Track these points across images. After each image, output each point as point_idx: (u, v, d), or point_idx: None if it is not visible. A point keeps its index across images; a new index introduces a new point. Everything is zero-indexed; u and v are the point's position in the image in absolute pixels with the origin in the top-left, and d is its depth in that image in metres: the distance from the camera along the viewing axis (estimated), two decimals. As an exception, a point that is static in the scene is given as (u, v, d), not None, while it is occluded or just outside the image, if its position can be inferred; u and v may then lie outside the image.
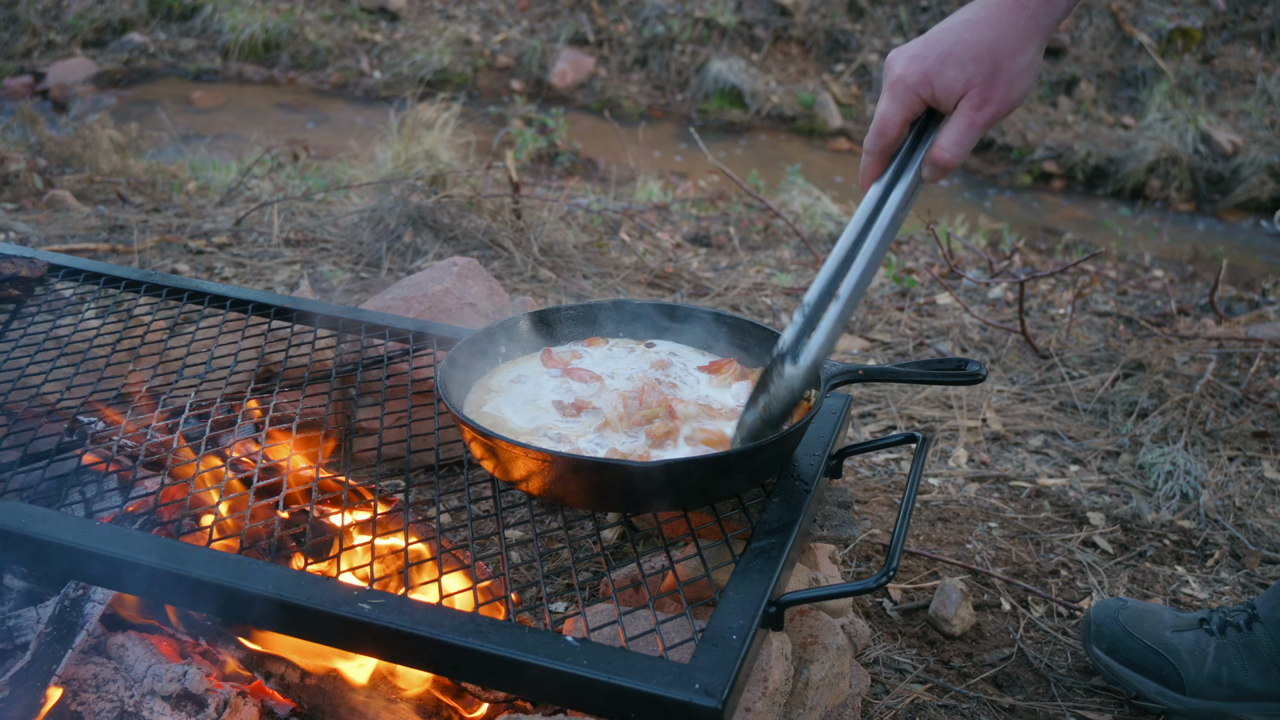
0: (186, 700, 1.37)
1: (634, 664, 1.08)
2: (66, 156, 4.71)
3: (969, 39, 1.22)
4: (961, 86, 1.23)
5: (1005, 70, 1.22)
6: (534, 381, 1.56)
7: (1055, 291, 3.89)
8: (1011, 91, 1.23)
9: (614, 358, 1.63)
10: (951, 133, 1.25)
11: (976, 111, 1.24)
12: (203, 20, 8.86)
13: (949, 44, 1.23)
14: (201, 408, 1.66)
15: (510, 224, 3.79)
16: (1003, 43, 1.21)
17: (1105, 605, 1.83)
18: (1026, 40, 1.22)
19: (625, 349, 1.65)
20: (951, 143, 1.25)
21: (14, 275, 1.91)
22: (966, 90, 1.23)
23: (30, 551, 1.26)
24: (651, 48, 8.45)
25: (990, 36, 1.21)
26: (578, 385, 1.54)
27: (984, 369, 1.42)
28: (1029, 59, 1.23)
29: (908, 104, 1.27)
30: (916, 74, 1.25)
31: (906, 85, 1.26)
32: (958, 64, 1.22)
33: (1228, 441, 2.69)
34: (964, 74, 1.22)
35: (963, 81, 1.23)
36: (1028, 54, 1.22)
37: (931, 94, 1.25)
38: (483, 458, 1.36)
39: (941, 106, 1.27)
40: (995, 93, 1.23)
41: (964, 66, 1.22)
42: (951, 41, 1.23)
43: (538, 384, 1.55)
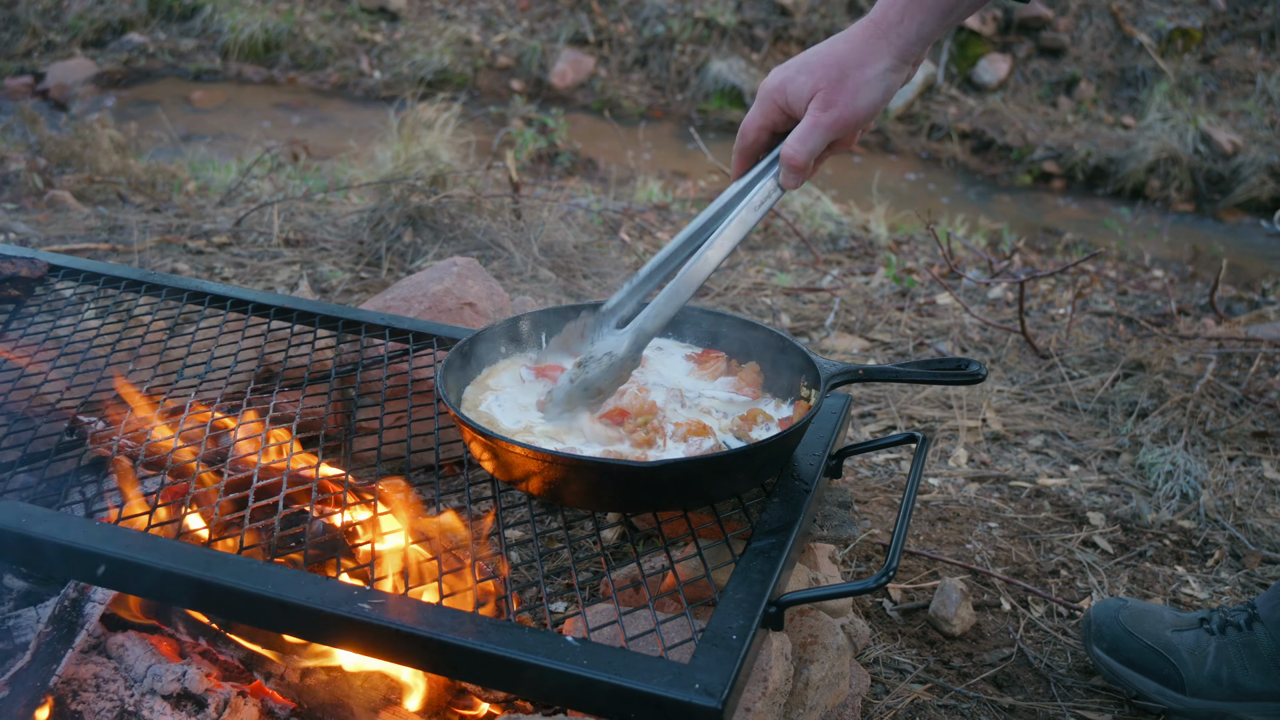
0: (186, 700, 1.37)
1: (634, 664, 1.08)
2: (66, 156, 4.71)
3: (825, 52, 1.34)
4: (809, 91, 1.33)
5: (851, 79, 1.32)
6: (517, 383, 1.56)
7: (1055, 291, 3.89)
8: (857, 98, 1.32)
9: None
10: (797, 132, 1.35)
11: (821, 112, 1.33)
12: (203, 20, 8.86)
13: (807, 57, 1.36)
14: (202, 407, 1.65)
15: (510, 224, 3.79)
16: (851, 55, 1.32)
17: (1105, 605, 1.83)
18: (876, 55, 1.32)
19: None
20: (796, 139, 1.35)
21: (14, 275, 1.91)
22: (813, 94, 1.33)
23: (30, 551, 1.26)
24: (651, 48, 8.45)
25: (843, 49, 1.33)
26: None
27: (984, 369, 1.43)
28: (878, 72, 1.32)
29: (766, 110, 1.39)
30: (775, 82, 1.37)
31: (766, 92, 1.38)
32: (809, 71, 1.34)
33: (1228, 441, 2.69)
34: (812, 79, 1.33)
35: (810, 86, 1.33)
36: (876, 67, 1.32)
37: (785, 100, 1.36)
38: (483, 458, 1.36)
39: (795, 113, 1.37)
40: (840, 97, 1.32)
41: (813, 73, 1.33)
42: (810, 55, 1.36)
43: (526, 385, 1.55)
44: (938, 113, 7.79)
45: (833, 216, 4.86)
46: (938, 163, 7.50)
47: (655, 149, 7.21)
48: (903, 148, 7.65)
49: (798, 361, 1.52)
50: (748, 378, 1.57)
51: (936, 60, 8.07)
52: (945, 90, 7.99)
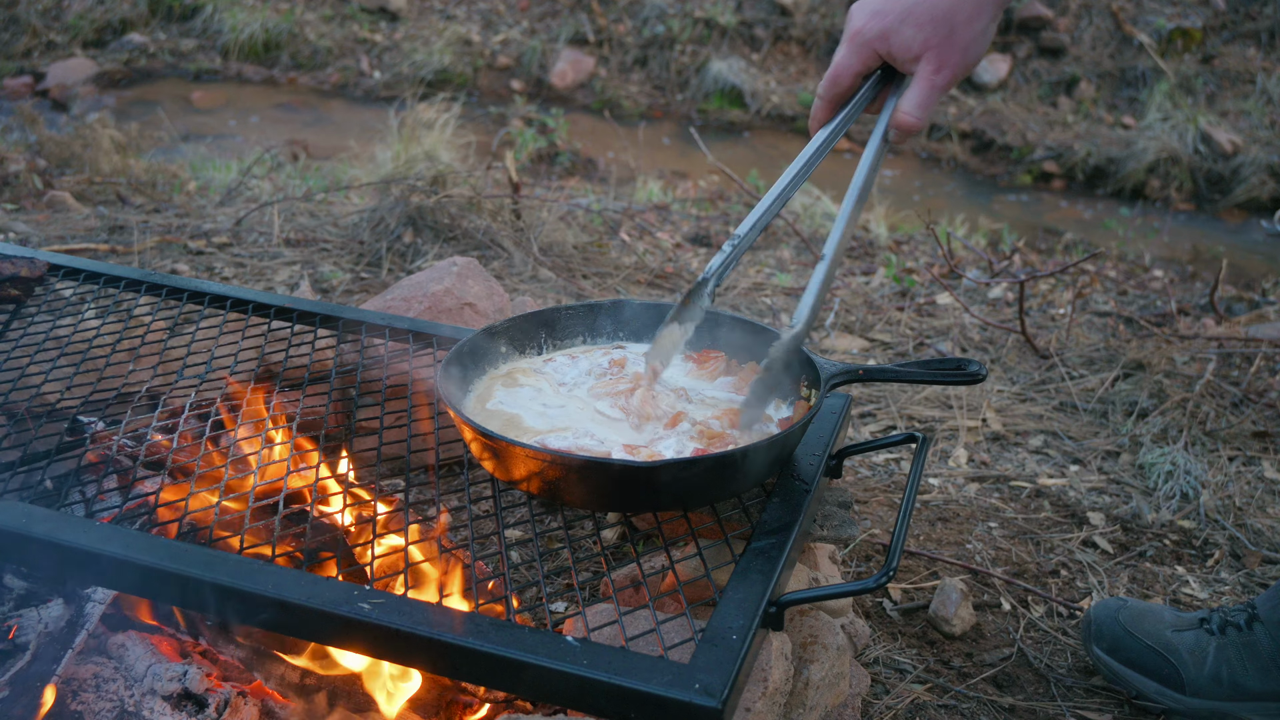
0: (186, 700, 1.37)
1: (634, 664, 1.08)
2: (66, 157, 4.71)
3: (928, 1, 1.26)
4: (919, 47, 1.27)
5: (961, 34, 1.26)
6: (538, 381, 1.56)
7: (1055, 291, 3.89)
8: (967, 55, 1.27)
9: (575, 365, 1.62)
10: (913, 96, 1.30)
11: (935, 74, 1.28)
12: (203, 20, 8.86)
13: (909, 4, 1.27)
14: (201, 407, 1.65)
15: (510, 224, 3.79)
16: (959, 8, 1.26)
17: (1105, 605, 1.83)
18: (982, 8, 1.26)
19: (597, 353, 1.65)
20: (915, 106, 1.30)
21: (14, 275, 1.91)
22: (923, 51, 1.27)
23: (30, 551, 1.26)
24: (651, 48, 8.45)
25: (947, 1, 1.26)
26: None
27: (984, 369, 1.43)
28: (983, 25, 1.27)
29: (864, 57, 1.32)
30: (875, 29, 1.29)
31: (864, 39, 1.30)
32: (916, 24, 1.26)
33: (1228, 441, 2.69)
34: (921, 34, 1.26)
35: (919, 42, 1.27)
36: (983, 20, 1.27)
37: (888, 50, 1.30)
38: (483, 457, 1.36)
39: (897, 64, 1.31)
40: (952, 56, 1.27)
41: (922, 27, 1.26)
42: (911, 2, 1.27)
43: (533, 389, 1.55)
44: (938, 113, 7.79)
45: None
46: (938, 163, 7.50)
47: (655, 149, 7.21)
48: (903, 148, 7.65)
49: (797, 361, 1.52)
50: (747, 377, 1.57)
51: (936, 60, 8.06)
52: (945, 90, 7.98)
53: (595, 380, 1.55)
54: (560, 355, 1.64)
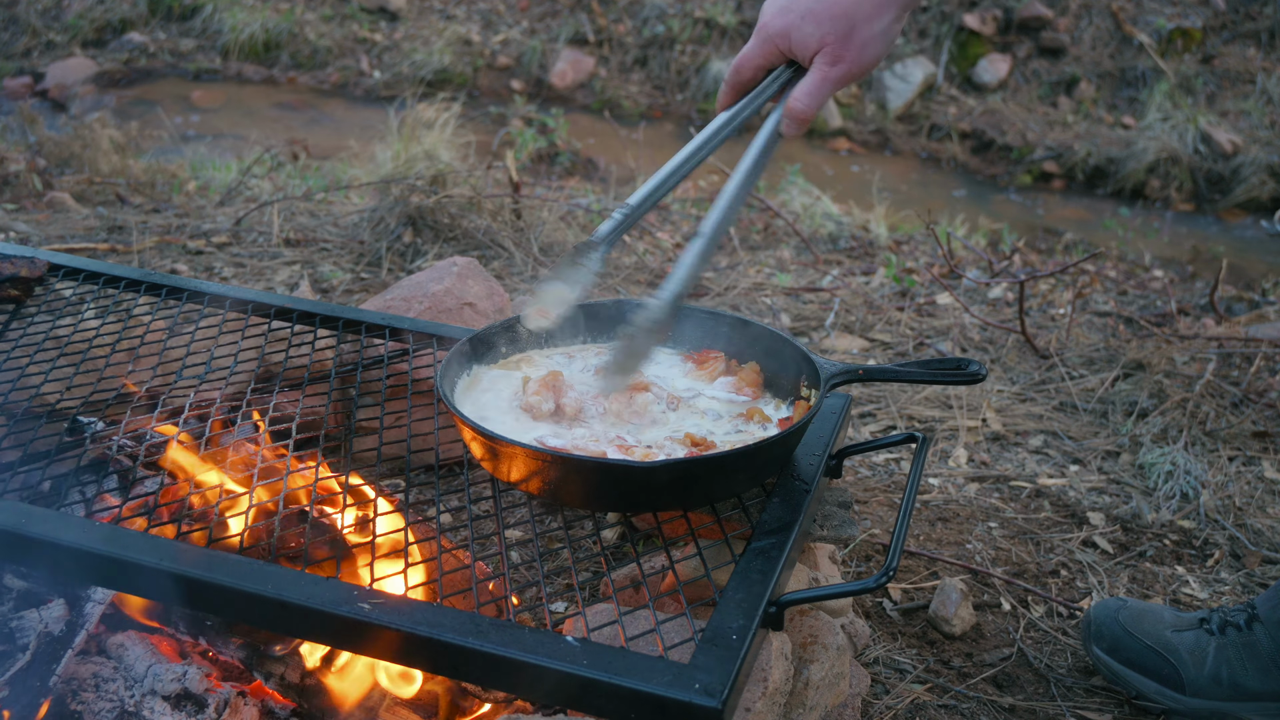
0: (186, 700, 1.37)
1: (634, 664, 1.08)
2: (66, 157, 4.71)
3: (829, 1, 1.30)
4: (816, 43, 1.31)
5: (859, 33, 1.30)
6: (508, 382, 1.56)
7: (1055, 291, 3.89)
8: (864, 53, 1.31)
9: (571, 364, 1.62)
10: (805, 86, 1.34)
11: (830, 68, 1.32)
12: (203, 20, 8.86)
13: (812, 2, 1.31)
14: (201, 408, 1.65)
15: (510, 224, 3.79)
16: (859, 8, 1.29)
17: (1105, 605, 1.83)
18: (882, 9, 1.30)
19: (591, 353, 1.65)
20: (805, 94, 1.34)
21: (14, 275, 1.91)
22: (821, 47, 1.31)
23: (30, 551, 1.26)
24: (651, 48, 8.45)
25: (848, 1, 1.29)
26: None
27: (984, 369, 1.43)
28: (884, 25, 1.30)
29: (765, 51, 1.36)
30: (778, 25, 1.34)
31: (768, 34, 1.35)
32: (815, 21, 1.30)
33: (1228, 441, 2.68)
34: (820, 30, 1.30)
35: (817, 38, 1.31)
36: (883, 20, 1.30)
37: (789, 45, 1.34)
38: (483, 458, 1.36)
39: (797, 58, 1.35)
40: (848, 52, 1.31)
41: (820, 24, 1.30)
42: (814, 1, 1.31)
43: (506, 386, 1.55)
44: (938, 113, 7.79)
45: (833, 216, 4.86)
46: (938, 163, 7.50)
47: (655, 149, 7.21)
48: (903, 148, 7.65)
49: (797, 361, 1.52)
50: (747, 378, 1.57)
51: (936, 60, 8.07)
52: (945, 90, 7.99)
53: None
54: (558, 354, 1.64)
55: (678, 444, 1.40)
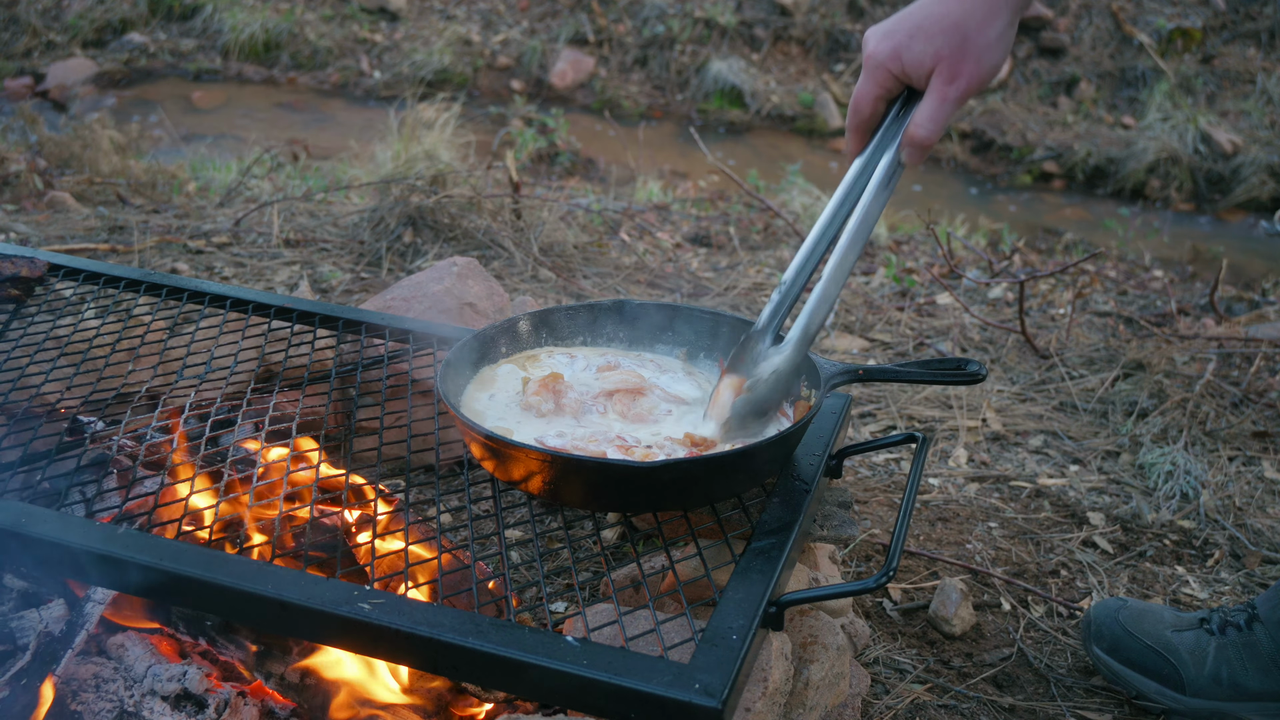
0: (186, 700, 1.37)
1: (634, 664, 1.08)
2: (66, 157, 4.71)
3: (938, 13, 1.23)
4: (930, 60, 1.24)
5: (974, 43, 1.22)
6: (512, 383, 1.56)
7: (1055, 291, 3.89)
8: (982, 65, 1.23)
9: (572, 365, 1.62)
10: (925, 109, 1.26)
11: (948, 86, 1.24)
12: (203, 20, 8.86)
13: (918, 19, 1.24)
14: (201, 408, 1.65)
15: (510, 224, 3.79)
16: (971, 16, 1.22)
17: (1105, 605, 1.83)
18: (995, 13, 1.22)
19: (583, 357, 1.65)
20: (926, 119, 1.26)
21: (14, 275, 1.91)
22: (935, 64, 1.24)
23: (30, 551, 1.26)
24: (651, 48, 8.45)
25: (958, 10, 1.22)
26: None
27: (984, 369, 1.42)
28: (998, 31, 1.23)
29: (880, 80, 1.28)
30: (886, 50, 1.26)
31: (877, 62, 1.27)
32: (926, 38, 1.23)
33: (1228, 441, 2.68)
34: (932, 47, 1.23)
35: (931, 55, 1.23)
36: (996, 26, 1.22)
37: (902, 69, 1.26)
38: (483, 458, 1.36)
39: (914, 82, 1.27)
40: (965, 66, 1.23)
41: (932, 40, 1.23)
42: (921, 16, 1.24)
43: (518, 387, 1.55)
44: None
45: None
46: (938, 163, 7.50)
47: (655, 149, 7.21)
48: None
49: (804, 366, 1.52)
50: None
51: (936, 60, 8.06)
52: (945, 90, 7.98)
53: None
54: (560, 353, 1.64)
55: (678, 444, 1.40)
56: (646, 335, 1.68)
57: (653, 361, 1.62)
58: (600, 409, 1.47)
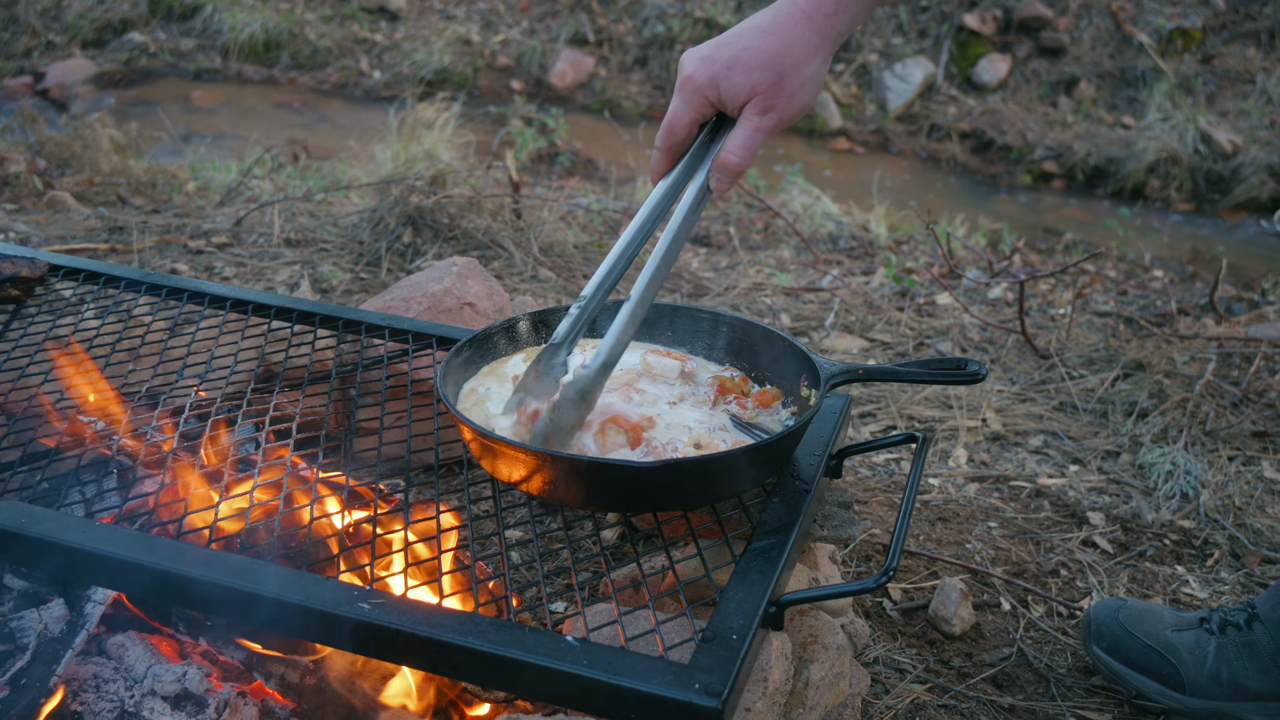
0: (186, 700, 1.37)
1: (634, 664, 1.08)
2: (66, 157, 4.71)
3: (757, 46, 1.25)
4: (746, 93, 1.26)
5: (789, 80, 1.25)
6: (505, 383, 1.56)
7: (1055, 291, 3.89)
8: (794, 100, 1.26)
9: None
10: (737, 138, 1.29)
11: (761, 117, 1.27)
12: (203, 20, 8.86)
13: (738, 49, 1.26)
14: (202, 407, 1.65)
15: (510, 224, 3.79)
16: (788, 53, 1.25)
17: (1105, 605, 1.83)
18: (812, 52, 1.25)
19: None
20: (738, 147, 1.29)
21: (14, 275, 1.91)
22: (751, 96, 1.26)
23: (30, 551, 1.26)
24: (651, 48, 8.45)
25: (777, 45, 1.25)
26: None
27: (984, 369, 1.42)
28: (813, 70, 1.26)
29: (696, 105, 1.30)
30: (705, 77, 1.28)
31: (695, 87, 1.29)
32: (744, 70, 1.25)
33: (1228, 441, 2.69)
34: (749, 80, 1.25)
35: (748, 88, 1.26)
36: (812, 65, 1.26)
37: (719, 97, 1.28)
38: (482, 458, 1.36)
39: (728, 110, 1.30)
40: (779, 100, 1.26)
41: (750, 73, 1.25)
42: (740, 47, 1.26)
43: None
44: (937, 113, 7.79)
45: (833, 216, 4.86)
46: (938, 163, 7.50)
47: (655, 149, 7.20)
48: (903, 148, 7.65)
49: (797, 361, 1.52)
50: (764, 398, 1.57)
51: (936, 60, 8.07)
52: (945, 90, 7.99)
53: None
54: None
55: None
56: (646, 335, 1.68)
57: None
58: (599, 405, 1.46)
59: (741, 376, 1.58)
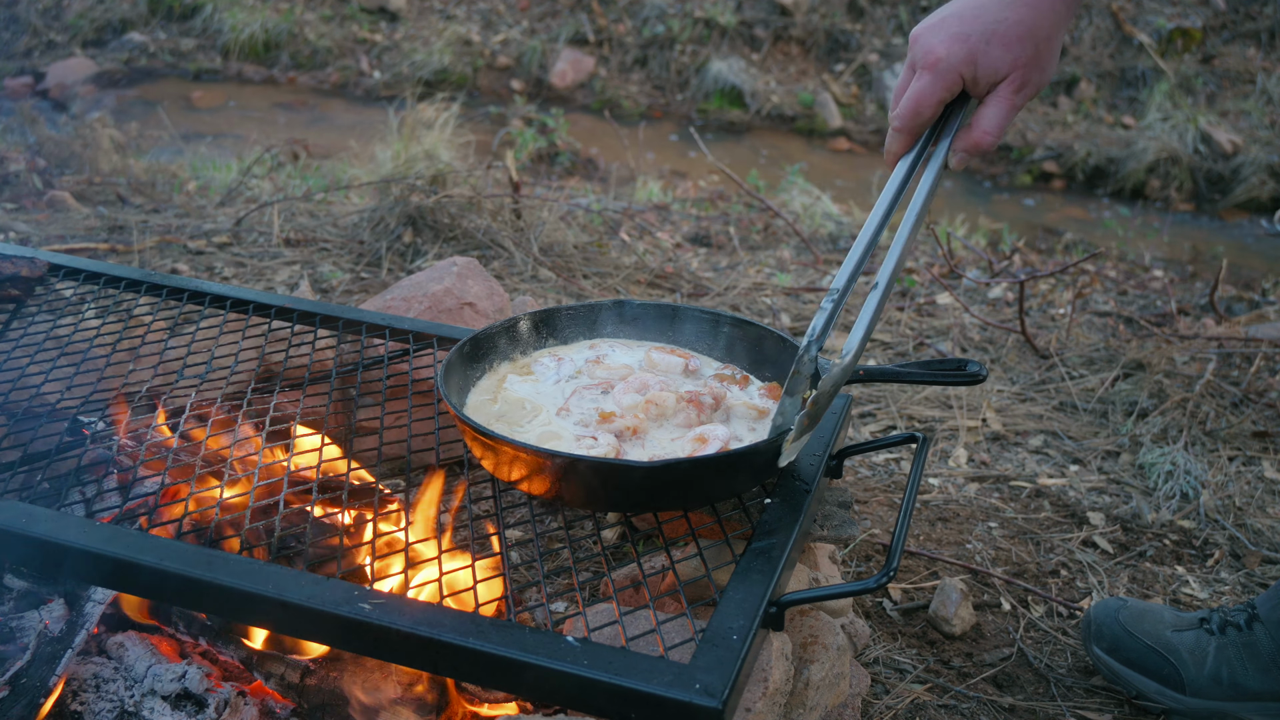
0: (186, 700, 1.37)
1: (634, 664, 1.08)
2: (66, 157, 4.71)
3: (1011, 19, 1.21)
4: (1007, 68, 1.22)
5: (1044, 53, 1.22)
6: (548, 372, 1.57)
7: (1055, 291, 3.89)
8: (1046, 74, 1.24)
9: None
10: (992, 115, 1.25)
11: (1016, 94, 1.23)
12: (203, 20, 8.86)
13: (992, 24, 1.22)
14: (202, 407, 1.65)
15: (510, 224, 3.79)
16: (1041, 26, 1.21)
17: (1105, 605, 1.83)
18: (1061, 22, 1.23)
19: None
20: (994, 125, 1.25)
21: (14, 275, 1.91)
22: (1010, 71, 1.22)
23: (30, 551, 1.26)
24: (651, 48, 8.45)
25: (1031, 18, 1.21)
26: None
27: (984, 370, 1.42)
28: (1059, 41, 1.24)
29: (948, 83, 1.25)
30: (961, 54, 1.23)
31: (949, 65, 1.24)
32: (1003, 45, 1.21)
33: (1228, 441, 2.68)
34: (1010, 55, 1.22)
35: (1008, 62, 1.22)
36: (1060, 36, 1.23)
37: (974, 75, 1.24)
38: (483, 458, 1.36)
39: (979, 87, 1.26)
40: (1034, 74, 1.23)
41: (1009, 47, 1.21)
42: (993, 20, 1.22)
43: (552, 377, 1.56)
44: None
45: (833, 216, 4.86)
46: (938, 163, 7.48)
47: (655, 149, 7.21)
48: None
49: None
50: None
51: (936, 60, 8.06)
52: (945, 90, 7.98)
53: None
54: (546, 355, 1.64)
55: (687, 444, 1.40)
56: (652, 334, 1.69)
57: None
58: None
59: (743, 374, 1.58)
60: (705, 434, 1.42)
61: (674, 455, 1.38)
